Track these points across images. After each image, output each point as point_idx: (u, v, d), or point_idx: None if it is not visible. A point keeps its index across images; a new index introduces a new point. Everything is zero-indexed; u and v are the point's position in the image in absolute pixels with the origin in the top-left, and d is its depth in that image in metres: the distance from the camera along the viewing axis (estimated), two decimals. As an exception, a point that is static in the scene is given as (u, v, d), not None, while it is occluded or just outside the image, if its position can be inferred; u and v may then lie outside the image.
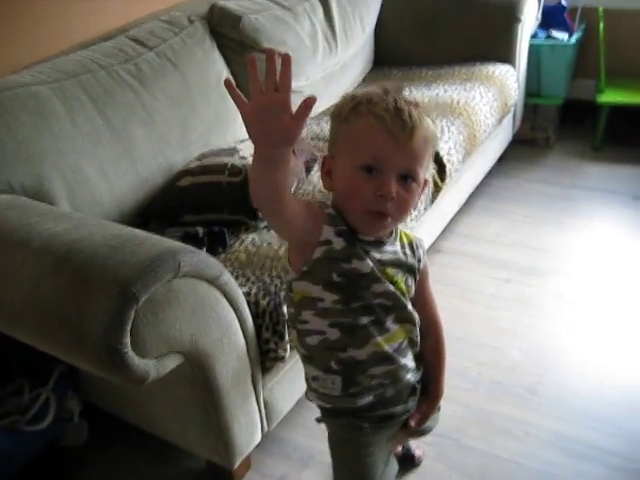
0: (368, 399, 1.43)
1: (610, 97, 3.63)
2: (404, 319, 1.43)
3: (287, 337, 1.81)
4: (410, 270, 1.43)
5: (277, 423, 2.01)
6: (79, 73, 2.19)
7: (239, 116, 2.75)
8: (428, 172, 1.37)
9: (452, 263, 2.89)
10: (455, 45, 3.37)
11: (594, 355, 2.38)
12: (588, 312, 2.59)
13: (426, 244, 2.69)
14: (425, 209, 2.48)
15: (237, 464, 1.88)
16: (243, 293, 1.73)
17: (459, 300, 2.65)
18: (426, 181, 1.36)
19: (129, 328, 1.39)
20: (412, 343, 1.47)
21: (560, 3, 3.65)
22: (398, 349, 1.43)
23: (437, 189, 2.55)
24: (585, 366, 2.34)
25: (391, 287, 1.37)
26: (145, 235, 1.59)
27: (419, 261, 1.46)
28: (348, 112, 1.30)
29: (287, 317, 1.64)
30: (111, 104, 2.22)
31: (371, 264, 1.33)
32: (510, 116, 3.41)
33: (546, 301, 2.65)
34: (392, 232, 1.40)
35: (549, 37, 3.63)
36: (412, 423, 1.50)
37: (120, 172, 2.20)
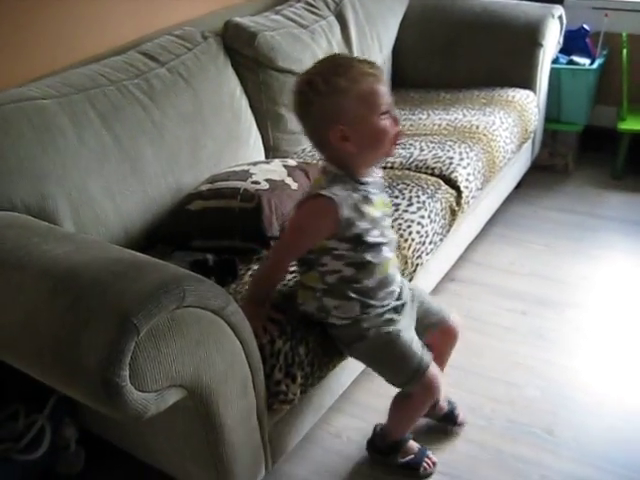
0: (381, 310, 1.80)
1: (632, 125, 3.54)
2: (393, 249, 1.84)
3: (299, 380, 1.73)
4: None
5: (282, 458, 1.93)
6: (88, 88, 2.12)
7: (252, 135, 2.69)
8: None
9: (466, 293, 2.80)
10: (474, 69, 3.30)
11: (613, 393, 2.29)
12: (607, 347, 2.49)
13: (441, 272, 2.64)
14: (442, 238, 2.39)
15: (239, 500, 1.79)
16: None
17: (473, 332, 2.55)
18: None
19: (128, 361, 1.31)
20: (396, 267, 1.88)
21: (582, 27, 3.57)
22: (394, 272, 1.84)
23: (454, 216, 2.47)
24: (604, 405, 2.24)
25: (383, 231, 1.77)
26: (149, 261, 1.51)
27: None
28: (343, 84, 1.59)
29: (304, 263, 1.81)
30: (120, 120, 2.15)
31: (369, 219, 1.71)
32: (529, 142, 3.33)
33: (564, 335, 2.56)
34: None
35: (570, 62, 3.55)
36: None
37: (127, 191, 2.13)
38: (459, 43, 3.32)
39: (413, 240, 2.22)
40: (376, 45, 3.23)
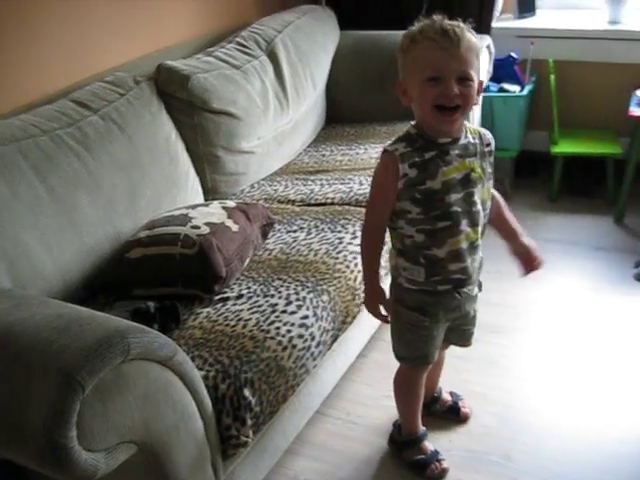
0: (447, 287, 1.88)
1: (564, 148, 3.62)
2: (475, 223, 1.83)
3: (249, 422, 1.68)
4: (482, 155, 1.83)
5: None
6: (19, 138, 2.07)
7: (189, 179, 2.62)
8: (482, 75, 1.89)
9: (415, 323, 2.79)
10: (408, 100, 3.33)
11: (566, 414, 2.31)
12: (557, 369, 2.52)
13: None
14: (387, 272, 2.38)
15: None
16: (201, 377, 1.61)
17: (425, 363, 2.54)
18: (481, 82, 1.76)
19: (74, 420, 1.26)
20: (476, 247, 1.89)
21: (510, 56, 3.65)
22: (470, 248, 1.85)
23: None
24: (558, 427, 2.26)
25: (466, 197, 1.79)
26: (90, 314, 1.46)
27: (488, 145, 1.86)
28: (407, 44, 1.73)
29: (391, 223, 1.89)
30: (54, 171, 2.10)
31: (441, 181, 1.75)
32: (466, 170, 3.36)
33: (514, 360, 2.58)
34: (462, 129, 1.80)
35: (501, 90, 3.62)
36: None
37: (64, 242, 2.07)
38: (391, 76, 3.30)
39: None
40: (309, 82, 3.24)
